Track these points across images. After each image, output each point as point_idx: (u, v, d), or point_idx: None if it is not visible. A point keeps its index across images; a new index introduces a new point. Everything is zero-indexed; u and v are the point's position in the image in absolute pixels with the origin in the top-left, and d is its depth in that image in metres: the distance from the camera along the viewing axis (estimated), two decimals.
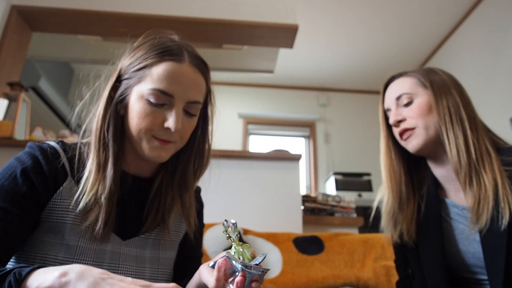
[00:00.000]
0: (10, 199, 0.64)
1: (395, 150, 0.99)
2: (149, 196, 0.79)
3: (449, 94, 0.91)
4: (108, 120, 0.72)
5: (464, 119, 0.88)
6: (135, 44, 0.78)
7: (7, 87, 1.88)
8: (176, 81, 0.71)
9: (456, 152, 0.86)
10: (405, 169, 0.99)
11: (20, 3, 2.08)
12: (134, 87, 0.72)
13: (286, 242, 1.50)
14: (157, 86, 0.70)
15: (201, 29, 2.21)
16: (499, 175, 0.82)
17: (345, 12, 3.22)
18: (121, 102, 0.74)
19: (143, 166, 0.80)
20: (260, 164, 1.85)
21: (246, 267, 0.58)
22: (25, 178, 0.67)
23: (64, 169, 0.71)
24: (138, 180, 0.79)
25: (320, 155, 4.26)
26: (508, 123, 2.54)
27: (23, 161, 0.69)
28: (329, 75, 4.25)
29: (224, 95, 4.40)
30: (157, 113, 0.71)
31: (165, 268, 0.80)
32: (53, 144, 0.74)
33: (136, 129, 0.72)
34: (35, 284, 0.50)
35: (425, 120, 0.90)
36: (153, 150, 0.72)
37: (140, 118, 0.71)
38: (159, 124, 0.71)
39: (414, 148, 0.92)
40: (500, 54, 2.72)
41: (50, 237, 0.68)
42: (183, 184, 0.82)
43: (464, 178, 0.85)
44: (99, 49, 2.48)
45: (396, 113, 0.94)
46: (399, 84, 0.97)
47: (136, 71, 0.72)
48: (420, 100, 0.92)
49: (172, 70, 0.72)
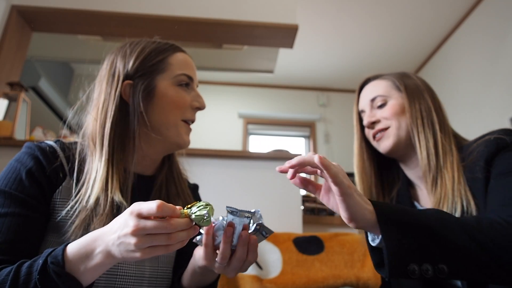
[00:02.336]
0: (21, 203, 0.64)
1: (367, 152, 1.01)
2: (151, 193, 0.80)
3: (422, 98, 0.93)
4: (119, 119, 0.74)
5: (435, 123, 0.89)
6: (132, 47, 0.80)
7: (7, 87, 1.88)
8: (190, 67, 0.82)
9: (426, 154, 0.87)
10: (376, 171, 1.00)
11: (20, 3, 2.08)
12: (158, 78, 0.77)
13: (286, 242, 1.50)
14: (182, 71, 0.79)
15: (201, 29, 2.21)
16: (456, 172, 0.83)
17: (345, 13, 3.22)
18: (146, 97, 0.75)
19: (145, 164, 0.81)
20: (260, 164, 1.85)
21: (233, 212, 0.58)
22: (31, 179, 0.67)
23: (63, 168, 0.72)
24: (141, 178, 0.80)
25: (320, 155, 4.25)
26: (508, 123, 2.54)
27: (25, 162, 0.68)
28: (329, 75, 4.24)
29: (224, 95, 4.40)
30: (187, 95, 0.80)
31: (164, 266, 0.80)
32: (51, 143, 0.74)
33: (169, 115, 0.76)
34: (82, 267, 0.53)
35: (398, 121, 0.91)
36: (184, 135, 0.80)
37: (175, 102, 0.77)
38: (189, 105, 0.80)
39: (385, 148, 0.93)
40: (499, 55, 2.72)
41: (52, 236, 0.68)
42: (181, 177, 0.86)
43: (431, 180, 0.86)
44: (99, 49, 2.47)
45: (370, 114, 0.96)
46: (373, 86, 0.98)
47: (155, 64, 0.78)
48: (394, 102, 0.93)
49: (185, 58, 0.83)
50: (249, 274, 1.32)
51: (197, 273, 0.72)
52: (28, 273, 0.53)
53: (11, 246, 0.61)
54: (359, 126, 1.02)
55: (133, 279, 0.72)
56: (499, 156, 0.78)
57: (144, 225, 0.50)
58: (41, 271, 0.52)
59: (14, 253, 0.60)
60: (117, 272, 0.71)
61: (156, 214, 0.50)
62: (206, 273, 0.71)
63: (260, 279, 1.33)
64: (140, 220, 0.50)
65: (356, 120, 1.02)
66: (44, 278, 0.52)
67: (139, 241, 0.50)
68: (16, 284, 0.52)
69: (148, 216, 0.50)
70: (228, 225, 0.58)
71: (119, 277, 0.71)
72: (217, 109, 4.26)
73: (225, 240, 0.59)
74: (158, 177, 0.83)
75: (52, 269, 0.52)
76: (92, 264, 0.53)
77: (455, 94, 3.23)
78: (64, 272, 0.52)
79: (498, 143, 0.79)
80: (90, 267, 0.53)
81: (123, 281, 0.71)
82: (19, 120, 1.79)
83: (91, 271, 0.54)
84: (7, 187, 0.65)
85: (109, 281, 0.70)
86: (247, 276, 1.31)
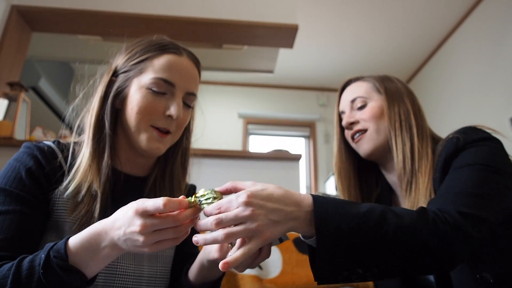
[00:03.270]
0: (21, 201, 0.65)
1: (346, 153, 1.00)
2: (143, 194, 0.80)
3: (401, 101, 0.92)
4: (103, 113, 0.74)
5: (413, 126, 0.89)
6: (130, 43, 0.80)
7: (7, 87, 1.88)
8: (177, 72, 0.75)
9: (402, 158, 0.86)
10: (355, 173, 1.00)
11: (20, 3, 2.08)
12: (134, 78, 0.74)
13: (286, 242, 1.50)
14: (159, 75, 0.73)
15: (201, 29, 2.21)
16: (427, 177, 0.82)
17: (345, 12, 3.22)
18: (119, 95, 0.75)
19: (137, 164, 0.81)
20: (260, 164, 1.85)
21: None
22: (31, 177, 0.67)
23: (62, 168, 0.72)
24: (131, 179, 0.80)
25: (320, 155, 4.26)
26: (508, 123, 2.54)
27: (25, 161, 0.69)
28: (329, 75, 4.24)
29: (224, 95, 4.39)
30: (158, 102, 0.73)
31: (163, 266, 0.80)
32: (49, 143, 0.74)
33: (135, 119, 0.73)
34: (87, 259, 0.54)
35: (376, 123, 0.91)
36: (152, 141, 0.74)
37: (141, 106, 0.72)
38: (160, 112, 0.73)
39: (364, 151, 0.93)
40: (500, 54, 2.72)
41: (51, 235, 0.68)
42: (175, 180, 0.84)
43: (406, 184, 0.85)
44: (99, 49, 2.48)
45: (350, 115, 0.96)
46: (354, 87, 0.99)
47: (136, 63, 0.75)
48: (374, 104, 0.93)
49: (174, 61, 0.75)
50: (249, 274, 1.32)
51: (204, 267, 0.73)
52: (31, 267, 0.53)
53: (11, 243, 0.61)
54: (339, 128, 1.01)
55: (132, 279, 0.73)
56: (457, 157, 0.77)
57: (151, 223, 0.50)
58: (44, 265, 0.52)
59: (15, 250, 0.60)
60: (116, 272, 0.71)
61: (163, 211, 0.50)
62: (214, 267, 0.71)
63: (260, 279, 1.33)
64: (146, 219, 0.50)
65: (336, 121, 1.02)
66: (48, 271, 0.52)
67: (147, 238, 0.50)
68: (18, 278, 0.52)
69: (154, 213, 0.51)
70: None
71: (118, 276, 0.71)
72: (217, 109, 4.26)
73: None
74: (149, 179, 0.82)
75: (55, 263, 0.52)
76: (99, 256, 0.54)
77: (455, 95, 3.23)
78: (68, 265, 0.52)
79: (456, 143, 0.78)
80: (96, 259, 0.54)
81: (122, 280, 0.71)
82: (19, 120, 1.79)
83: (98, 263, 0.55)
84: (7, 185, 0.66)
85: (107, 280, 0.70)
86: (247, 276, 1.31)
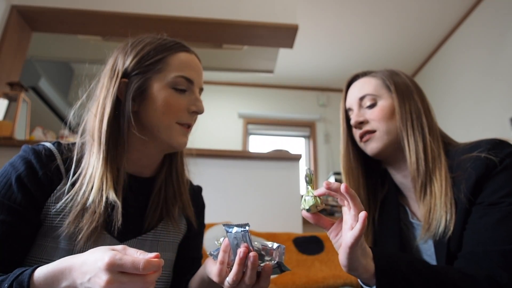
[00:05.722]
0: (7, 210, 0.64)
1: (353, 152, 0.96)
2: (151, 195, 0.79)
3: (411, 99, 0.89)
4: (118, 117, 0.73)
5: (425, 126, 0.86)
6: (132, 43, 0.78)
7: (7, 87, 1.88)
8: (193, 69, 0.78)
9: (416, 159, 0.83)
10: (363, 173, 0.96)
11: (20, 3, 2.08)
12: (153, 78, 0.74)
13: (286, 242, 1.50)
14: (180, 73, 0.75)
15: (201, 29, 2.21)
16: (445, 181, 0.80)
17: (346, 12, 3.22)
18: (137, 97, 0.74)
19: (145, 166, 0.79)
20: (260, 164, 1.85)
21: (229, 229, 0.58)
22: (20, 185, 0.66)
23: (59, 171, 0.70)
24: (138, 180, 0.79)
25: (320, 155, 4.26)
26: (508, 123, 2.54)
27: (17, 167, 0.67)
28: (329, 75, 4.24)
29: (224, 95, 4.40)
30: (182, 99, 0.76)
31: (164, 269, 0.79)
32: (48, 145, 0.73)
33: (162, 118, 0.74)
34: None
35: (387, 124, 0.87)
36: (180, 137, 0.77)
37: (168, 105, 0.74)
38: (184, 109, 0.76)
39: (372, 151, 0.89)
40: (500, 54, 2.72)
41: (46, 240, 0.67)
42: (180, 177, 0.85)
43: (420, 187, 0.83)
44: (99, 49, 2.48)
45: (358, 114, 0.91)
46: (363, 83, 0.93)
47: (152, 63, 0.75)
48: (384, 103, 0.89)
49: (188, 59, 0.78)
50: None
51: (205, 281, 0.72)
52: None
53: None
54: (345, 125, 0.97)
55: None
56: (488, 182, 0.74)
57: (118, 281, 0.48)
58: None
59: None
60: None
61: (142, 273, 0.48)
62: (214, 284, 0.69)
63: None
64: (115, 275, 0.48)
65: (342, 118, 0.97)
66: None
67: None
68: None
69: (130, 271, 0.48)
70: (244, 247, 0.57)
71: None
72: (217, 109, 4.26)
73: (239, 262, 0.57)
74: (157, 179, 0.81)
75: None
76: None
77: (455, 94, 3.23)
78: None
79: (486, 164, 0.74)
80: None
81: None
82: (19, 120, 1.79)
83: None
84: None
85: None
86: None
